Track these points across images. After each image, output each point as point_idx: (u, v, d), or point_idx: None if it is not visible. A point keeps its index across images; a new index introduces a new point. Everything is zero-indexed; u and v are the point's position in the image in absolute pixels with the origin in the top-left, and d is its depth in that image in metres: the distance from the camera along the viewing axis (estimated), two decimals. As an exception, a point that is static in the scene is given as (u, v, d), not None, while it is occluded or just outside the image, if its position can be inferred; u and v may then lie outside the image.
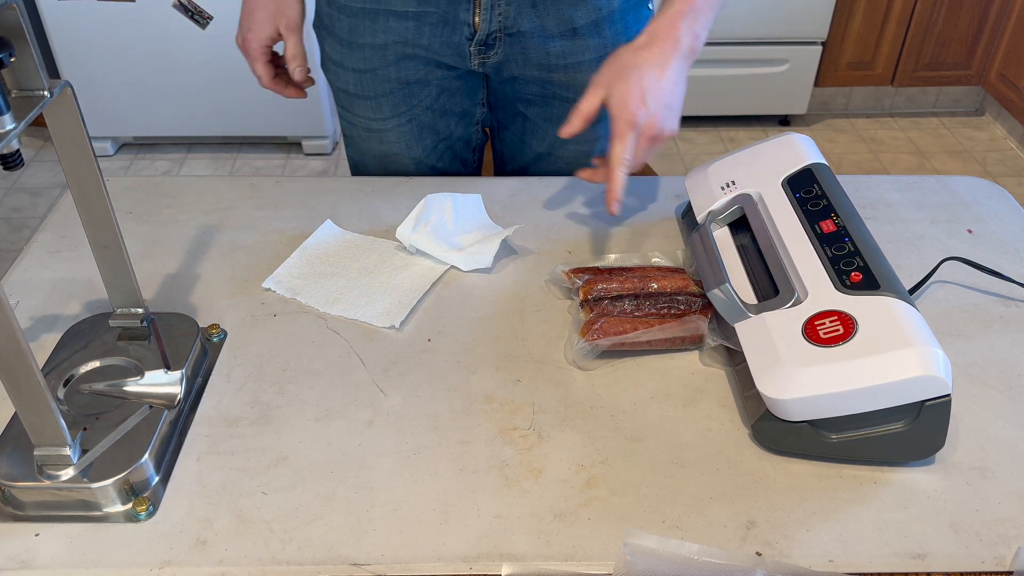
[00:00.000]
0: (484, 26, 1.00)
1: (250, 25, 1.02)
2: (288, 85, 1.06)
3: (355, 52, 1.05)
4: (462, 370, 0.81)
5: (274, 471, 0.71)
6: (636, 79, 0.84)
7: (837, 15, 2.79)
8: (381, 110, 1.10)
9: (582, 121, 0.88)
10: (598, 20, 1.02)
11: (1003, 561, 0.65)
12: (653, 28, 0.88)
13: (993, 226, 1.01)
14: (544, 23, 1.01)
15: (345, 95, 1.11)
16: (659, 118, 0.85)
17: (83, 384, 0.76)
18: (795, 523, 0.67)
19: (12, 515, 0.67)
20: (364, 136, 1.14)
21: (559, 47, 1.03)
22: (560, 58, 1.04)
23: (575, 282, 0.87)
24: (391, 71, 1.06)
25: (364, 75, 1.07)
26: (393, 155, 1.14)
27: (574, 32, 1.02)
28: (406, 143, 1.13)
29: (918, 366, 0.66)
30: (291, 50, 1.03)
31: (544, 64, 1.05)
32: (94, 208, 0.73)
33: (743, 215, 0.89)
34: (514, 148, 1.19)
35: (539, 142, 1.15)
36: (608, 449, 0.73)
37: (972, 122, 3.11)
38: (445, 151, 1.17)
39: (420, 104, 1.09)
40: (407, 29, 1.02)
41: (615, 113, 0.85)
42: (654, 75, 0.85)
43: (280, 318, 0.87)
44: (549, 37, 1.02)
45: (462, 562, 0.64)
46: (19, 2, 0.62)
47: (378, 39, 1.03)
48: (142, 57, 2.58)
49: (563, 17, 1.01)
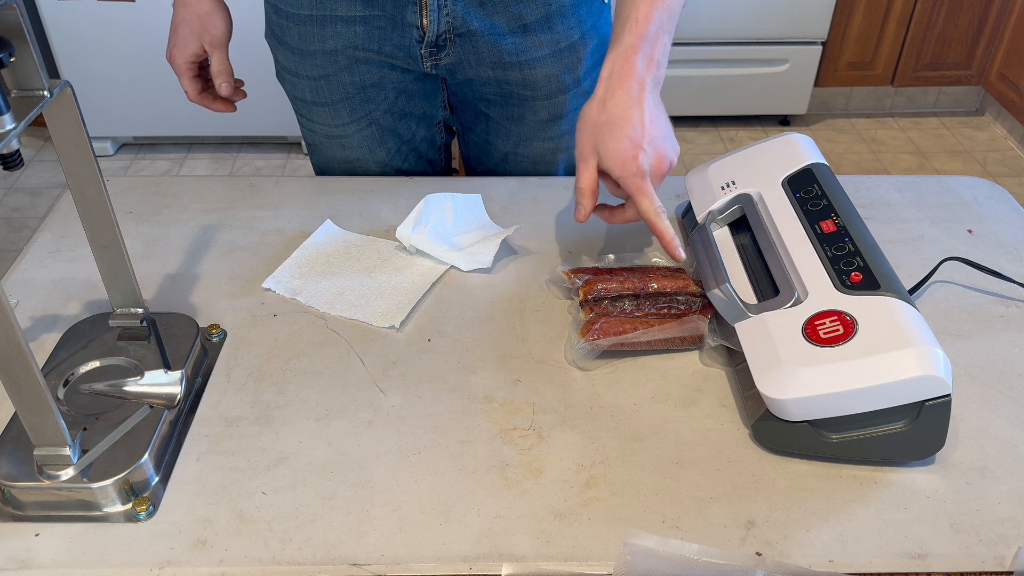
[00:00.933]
0: (432, 27, 1.00)
1: (175, 42, 1.02)
2: (216, 99, 1.06)
3: (307, 59, 1.05)
4: (462, 370, 0.81)
5: (274, 471, 0.71)
6: (619, 132, 0.81)
7: (837, 15, 2.79)
8: (339, 115, 1.09)
9: (591, 198, 0.84)
10: (548, 15, 1.01)
11: (1003, 561, 0.65)
12: (608, 71, 0.84)
13: (993, 226, 1.01)
14: (493, 21, 1.00)
15: (303, 103, 1.11)
16: (660, 154, 0.83)
17: (83, 384, 0.76)
18: (795, 523, 0.67)
19: (12, 515, 0.67)
20: (326, 143, 1.14)
21: (511, 44, 1.02)
22: (513, 55, 1.03)
23: (575, 282, 0.87)
24: (344, 76, 1.05)
25: (319, 82, 1.06)
26: (357, 160, 1.14)
27: (524, 28, 1.01)
28: (368, 147, 1.13)
29: (918, 366, 0.66)
30: (216, 66, 1.03)
31: (498, 63, 1.04)
32: (94, 208, 0.73)
33: (743, 215, 0.89)
34: (480, 150, 1.19)
35: (503, 141, 1.15)
36: (608, 449, 0.73)
37: (972, 122, 3.11)
38: (409, 153, 1.16)
39: (378, 108, 1.09)
40: (356, 34, 1.01)
41: (618, 173, 0.82)
42: (634, 118, 0.82)
43: (280, 318, 0.87)
44: (500, 35, 1.01)
45: (462, 562, 0.64)
46: (19, 2, 0.62)
47: (328, 45, 1.03)
48: (142, 57, 2.59)
49: (512, 14, 1.00)
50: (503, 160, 1.17)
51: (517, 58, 1.03)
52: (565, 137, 1.14)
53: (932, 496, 0.69)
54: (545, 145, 1.14)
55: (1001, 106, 3.01)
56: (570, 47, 1.04)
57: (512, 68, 1.04)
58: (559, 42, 1.03)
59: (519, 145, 1.14)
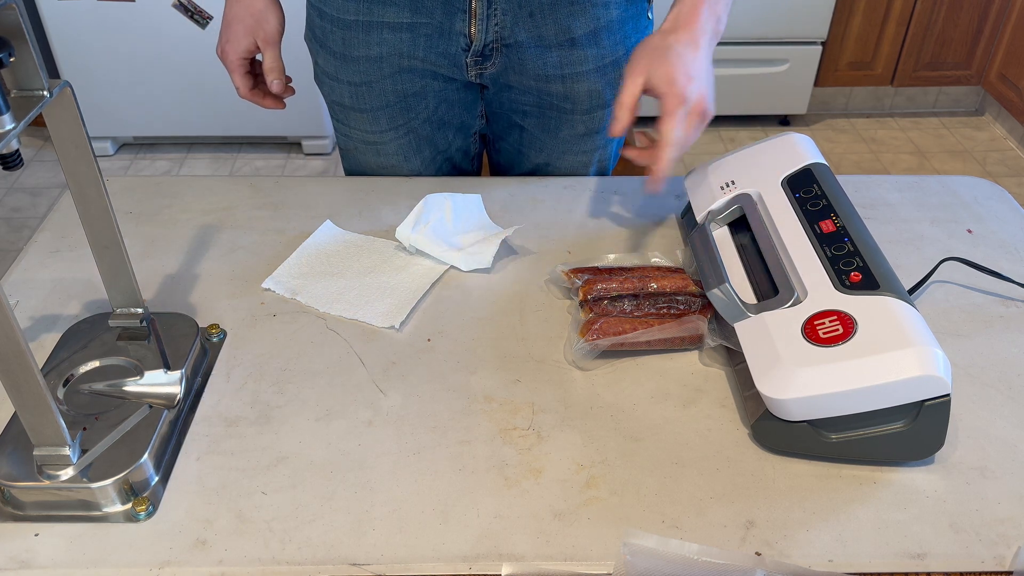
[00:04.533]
0: (480, 37, 0.99)
1: (228, 37, 1.02)
2: (266, 96, 1.05)
3: (350, 65, 1.04)
4: (462, 370, 0.81)
5: (274, 471, 0.71)
6: (676, 58, 0.84)
7: (837, 15, 2.79)
8: (378, 123, 1.09)
9: (629, 112, 0.85)
10: (596, 30, 1.01)
11: (1003, 561, 0.65)
12: (676, 14, 0.88)
13: (993, 226, 1.01)
14: (541, 33, 1.00)
15: (340, 108, 1.10)
16: (704, 97, 0.84)
17: (83, 384, 0.76)
18: (795, 523, 0.67)
19: (12, 515, 0.67)
20: (361, 148, 1.13)
21: (556, 57, 1.02)
22: (557, 68, 1.03)
23: (575, 282, 0.87)
24: (387, 83, 1.05)
25: (360, 88, 1.06)
26: (391, 167, 1.13)
27: (572, 42, 1.01)
28: (404, 155, 1.12)
29: (918, 366, 0.66)
30: (268, 63, 1.02)
31: (541, 75, 1.04)
32: (94, 208, 0.73)
33: (743, 215, 0.89)
34: (511, 160, 1.18)
35: (536, 153, 1.14)
36: (608, 449, 0.73)
37: (972, 122, 3.11)
38: (443, 163, 1.16)
39: (418, 116, 1.08)
40: (402, 41, 1.01)
41: (663, 90, 0.83)
42: (691, 55, 0.85)
43: (280, 318, 0.87)
44: (546, 47, 1.01)
45: (462, 562, 0.64)
46: (19, 2, 0.62)
47: (373, 51, 1.02)
48: (142, 57, 2.58)
49: (561, 27, 1.00)
50: (533, 171, 1.17)
51: (561, 71, 1.03)
52: (598, 151, 1.14)
53: (932, 496, 0.69)
54: (577, 159, 1.13)
55: (1001, 106, 3.01)
56: (614, 63, 1.04)
57: (555, 81, 1.04)
58: (604, 57, 1.03)
59: (552, 157, 1.14)
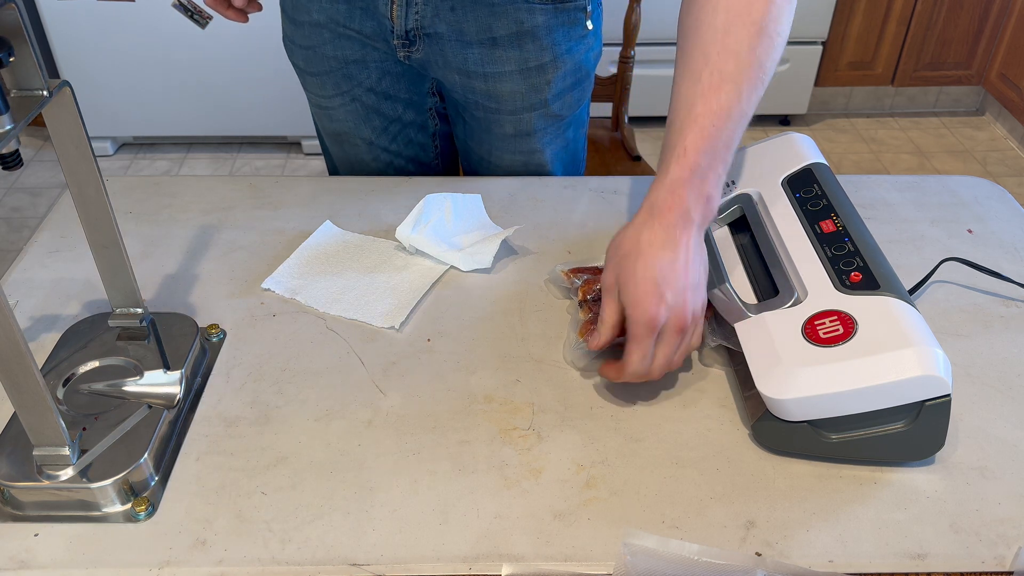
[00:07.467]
0: (400, 22, 1.01)
1: None
2: (229, 7, 1.00)
3: (299, 29, 1.08)
4: (462, 370, 0.81)
5: (273, 471, 0.71)
6: (643, 270, 0.72)
7: (837, 15, 2.79)
8: (325, 88, 1.12)
9: (612, 331, 0.76)
10: (519, 32, 1.01)
11: (1003, 561, 0.65)
12: (652, 200, 0.75)
13: (993, 226, 1.01)
14: (463, 28, 1.00)
15: (299, 71, 1.15)
16: (684, 309, 0.72)
17: (82, 384, 0.76)
18: (795, 523, 0.67)
19: (11, 515, 0.67)
20: (318, 113, 1.18)
21: (477, 54, 1.02)
22: (479, 65, 1.03)
23: (574, 282, 0.87)
24: (328, 49, 1.08)
25: (308, 52, 1.10)
26: (344, 133, 1.16)
27: (493, 41, 1.01)
28: (353, 122, 1.15)
29: (918, 366, 0.66)
30: None
31: (463, 70, 1.04)
32: (93, 208, 0.73)
33: (743, 215, 0.89)
34: (462, 146, 1.20)
35: (478, 145, 1.15)
36: (608, 449, 0.73)
37: (972, 122, 3.11)
38: (397, 134, 1.17)
39: (361, 84, 1.10)
40: (338, 11, 1.04)
41: (630, 314, 0.73)
42: (666, 258, 0.72)
43: (280, 318, 0.87)
44: (468, 43, 1.01)
45: (462, 562, 0.64)
46: (19, 2, 0.62)
47: (313, 17, 1.05)
48: (142, 57, 2.58)
49: (482, 25, 1.00)
50: (479, 163, 1.18)
51: (483, 69, 1.04)
52: (536, 154, 1.13)
53: (932, 496, 0.69)
54: (515, 158, 1.14)
55: (1001, 106, 3.01)
56: (538, 68, 1.04)
57: (477, 77, 1.05)
58: (527, 61, 1.03)
59: (491, 154, 1.15)
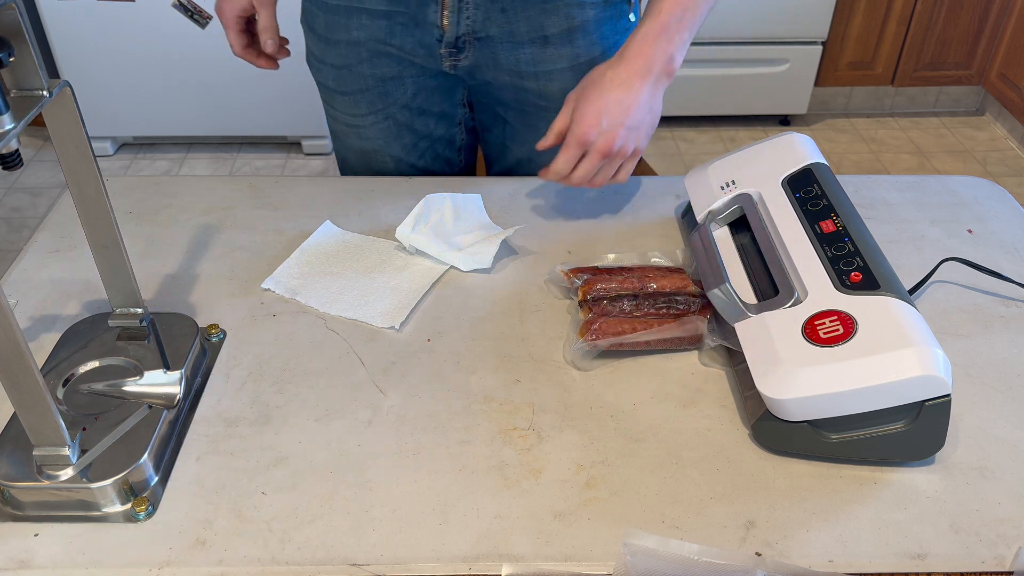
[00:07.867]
0: (452, 29, 1.01)
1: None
2: (260, 56, 1.06)
3: (332, 48, 1.07)
4: (462, 370, 0.81)
5: (273, 471, 0.71)
6: (596, 97, 0.87)
7: (837, 15, 2.79)
8: (358, 106, 1.11)
9: (556, 137, 0.91)
10: (570, 29, 1.01)
11: (1003, 561, 0.65)
12: (625, 47, 0.89)
13: (993, 226, 1.01)
14: (514, 29, 1.00)
15: (326, 90, 1.13)
16: (615, 137, 0.87)
17: (82, 384, 0.76)
18: (795, 523, 0.67)
19: (11, 515, 0.67)
20: (345, 131, 1.16)
21: (529, 54, 1.02)
22: (531, 65, 1.03)
23: (574, 282, 0.87)
24: (365, 68, 1.07)
25: (341, 71, 1.08)
26: (374, 151, 1.15)
27: (545, 40, 1.01)
28: (384, 140, 1.14)
29: (918, 366, 0.66)
30: (262, 22, 1.03)
31: (515, 71, 1.04)
32: (93, 208, 0.73)
33: (743, 215, 0.89)
34: (497, 151, 1.19)
35: (519, 147, 1.15)
36: (608, 449, 0.73)
37: (972, 122, 3.11)
38: (426, 150, 1.17)
39: (396, 102, 1.10)
40: (379, 27, 1.03)
41: (571, 127, 0.88)
42: (616, 94, 0.87)
43: (280, 318, 0.87)
44: (519, 44, 1.02)
45: (462, 562, 0.64)
46: (19, 2, 0.62)
47: (352, 36, 1.04)
48: (142, 57, 2.58)
49: (534, 24, 1.00)
50: (518, 164, 1.17)
51: (534, 68, 1.04)
52: None
53: (932, 496, 0.69)
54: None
55: (1001, 106, 3.01)
56: (589, 63, 1.04)
57: (529, 77, 1.05)
58: (578, 56, 1.03)
59: (534, 152, 1.14)
